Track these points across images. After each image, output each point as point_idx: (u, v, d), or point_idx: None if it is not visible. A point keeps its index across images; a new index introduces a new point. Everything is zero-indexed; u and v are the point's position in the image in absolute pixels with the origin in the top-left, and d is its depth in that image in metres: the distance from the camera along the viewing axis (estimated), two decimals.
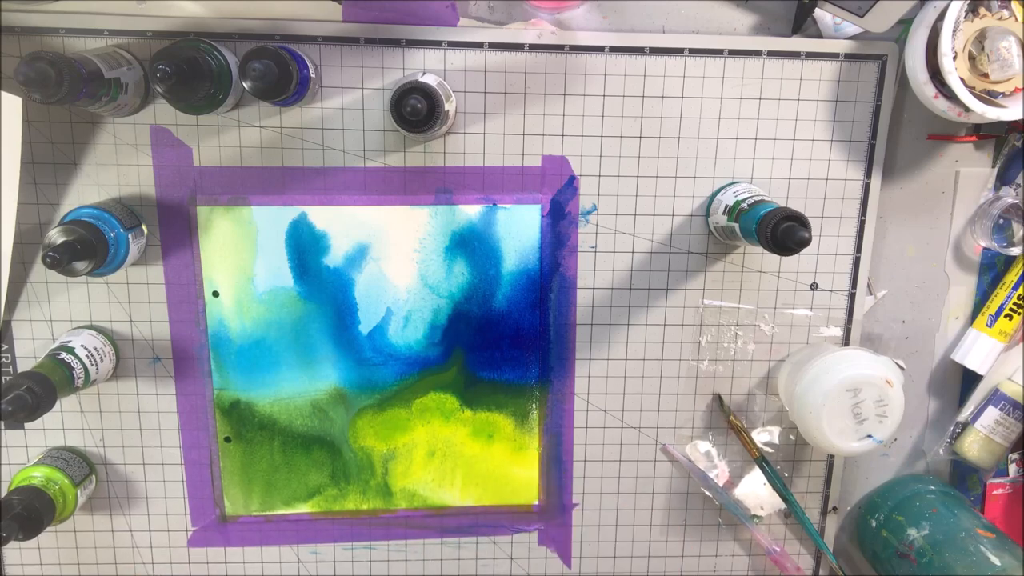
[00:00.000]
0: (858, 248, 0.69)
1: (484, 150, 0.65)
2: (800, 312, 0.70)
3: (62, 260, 0.53)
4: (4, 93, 0.57)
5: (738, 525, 0.74)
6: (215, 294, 0.66)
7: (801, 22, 0.64)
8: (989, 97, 0.62)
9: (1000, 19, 0.61)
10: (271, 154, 0.64)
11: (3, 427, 0.67)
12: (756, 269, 0.69)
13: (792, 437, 0.73)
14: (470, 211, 0.66)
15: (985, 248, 0.71)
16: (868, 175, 0.68)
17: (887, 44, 0.65)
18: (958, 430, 0.74)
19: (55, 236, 0.54)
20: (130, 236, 0.60)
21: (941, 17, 0.60)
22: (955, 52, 0.61)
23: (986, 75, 0.61)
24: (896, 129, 0.68)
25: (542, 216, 0.67)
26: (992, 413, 0.71)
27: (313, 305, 0.67)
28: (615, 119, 0.65)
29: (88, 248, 0.55)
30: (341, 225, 0.65)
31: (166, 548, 0.71)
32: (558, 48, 0.63)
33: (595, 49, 0.64)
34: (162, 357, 0.67)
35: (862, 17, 0.62)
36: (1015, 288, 0.70)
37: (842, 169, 0.68)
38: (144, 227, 0.63)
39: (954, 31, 0.60)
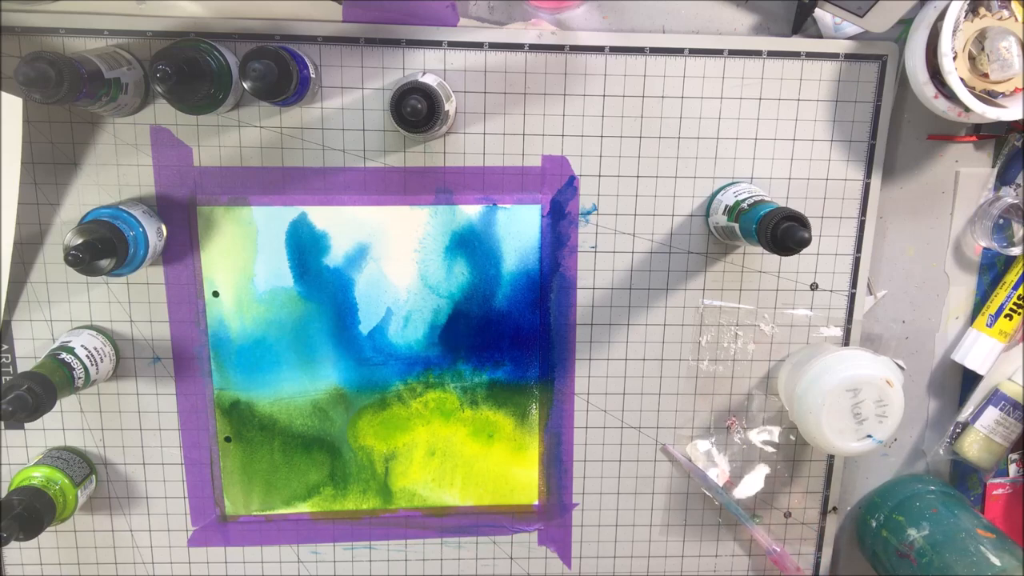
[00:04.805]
0: (858, 248, 0.69)
1: (484, 150, 0.65)
2: (800, 312, 0.70)
3: (84, 258, 0.53)
4: (4, 93, 0.57)
5: (738, 525, 0.74)
6: (215, 294, 0.66)
7: (801, 22, 0.64)
8: (989, 97, 0.62)
9: (1000, 19, 0.61)
10: (271, 154, 0.64)
11: (3, 427, 0.67)
12: (756, 269, 0.69)
13: (792, 437, 0.73)
14: (470, 211, 0.66)
15: (985, 248, 0.71)
16: (868, 175, 0.68)
17: (887, 44, 0.65)
18: (958, 430, 0.74)
19: (75, 235, 0.54)
20: (149, 235, 0.60)
21: (941, 17, 0.60)
22: (955, 52, 0.61)
23: (986, 75, 0.61)
24: (896, 129, 0.68)
25: (542, 216, 0.67)
26: (992, 413, 0.71)
27: (313, 305, 0.67)
28: (615, 119, 0.65)
29: (109, 247, 0.55)
30: (341, 225, 0.65)
31: (166, 548, 0.71)
32: (558, 48, 0.63)
33: (595, 49, 0.64)
34: (162, 357, 0.67)
35: (862, 17, 0.62)
36: (1015, 288, 0.70)
37: (842, 169, 0.68)
38: (163, 226, 0.63)
39: (954, 31, 0.60)
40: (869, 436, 0.63)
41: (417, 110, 0.55)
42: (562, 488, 0.73)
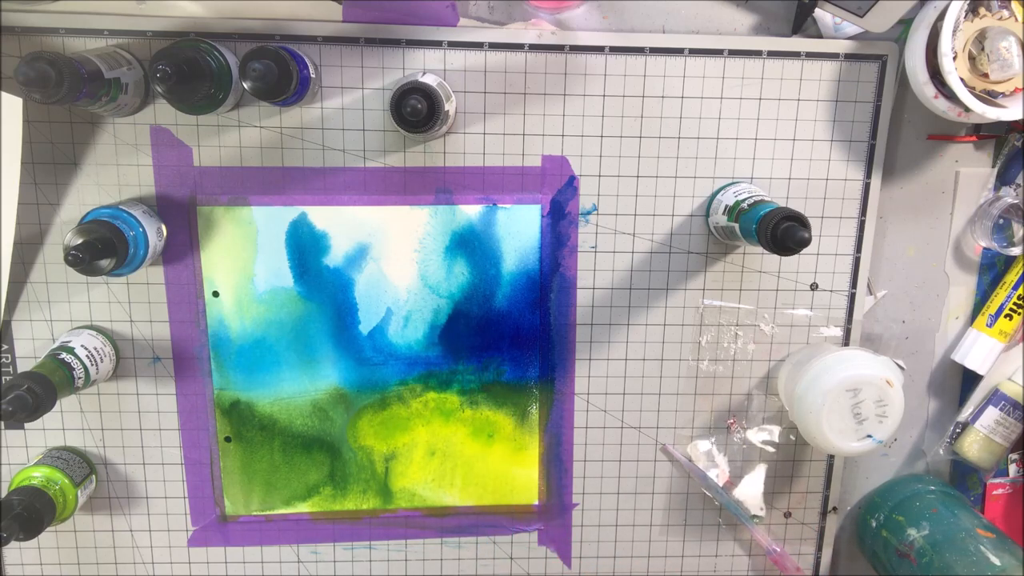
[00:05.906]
0: (858, 248, 0.69)
1: (484, 150, 0.65)
2: (800, 312, 0.70)
3: (84, 258, 0.53)
4: (4, 93, 0.57)
5: (738, 525, 0.74)
6: (215, 294, 0.66)
7: (801, 22, 0.64)
8: (989, 97, 0.62)
9: (1000, 19, 0.61)
10: (271, 154, 0.64)
11: (3, 427, 0.67)
12: (756, 269, 0.69)
13: (792, 437, 0.73)
14: (470, 211, 0.66)
15: (985, 248, 0.71)
16: (868, 175, 0.68)
17: (887, 44, 0.65)
18: (958, 430, 0.74)
19: (75, 235, 0.54)
20: (149, 235, 0.60)
21: (941, 17, 0.60)
22: (955, 52, 0.61)
23: (986, 75, 0.61)
24: (896, 129, 0.68)
25: (542, 216, 0.67)
26: (992, 413, 0.71)
27: (313, 305, 0.67)
28: (615, 119, 0.65)
29: (109, 247, 0.55)
30: (341, 225, 0.65)
31: (166, 548, 0.71)
32: (558, 48, 0.63)
33: (595, 49, 0.64)
34: (162, 357, 0.67)
35: (862, 17, 0.62)
36: (1015, 288, 0.70)
37: (842, 169, 0.68)
38: (163, 226, 0.63)
39: (954, 31, 0.60)
40: (869, 436, 0.63)
41: (417, 110, 0.55)
42: (562, 488, 0.73)
